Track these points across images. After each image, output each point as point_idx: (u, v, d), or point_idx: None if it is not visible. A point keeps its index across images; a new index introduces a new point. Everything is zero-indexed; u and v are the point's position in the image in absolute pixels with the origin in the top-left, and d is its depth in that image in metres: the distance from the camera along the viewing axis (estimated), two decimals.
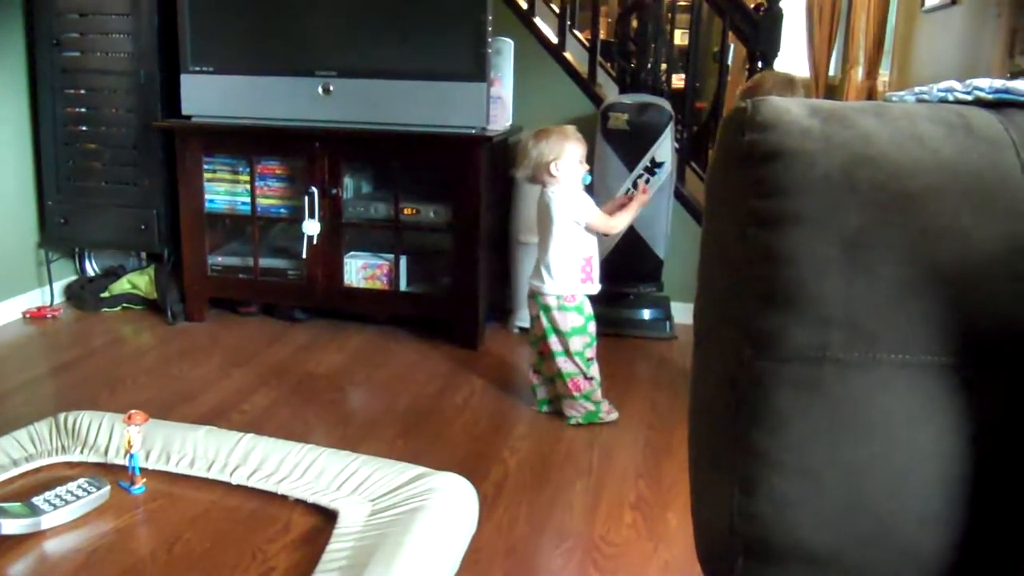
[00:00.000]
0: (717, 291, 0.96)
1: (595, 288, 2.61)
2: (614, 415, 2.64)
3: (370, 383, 2.92)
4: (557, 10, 4.15)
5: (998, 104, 0.96)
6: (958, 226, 0.84)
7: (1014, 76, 3.45)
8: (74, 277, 3.68)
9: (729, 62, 5.33)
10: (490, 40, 3.03)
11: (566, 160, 2.51)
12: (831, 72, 7.95)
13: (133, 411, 1.22)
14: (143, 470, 1.21)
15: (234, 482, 1.22)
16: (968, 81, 0.98)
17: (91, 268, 3.70)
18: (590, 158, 3.33)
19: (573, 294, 2.55)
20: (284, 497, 1.19)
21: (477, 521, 1.24)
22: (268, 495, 1.20)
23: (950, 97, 0.98)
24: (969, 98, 0.97)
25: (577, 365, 2.56)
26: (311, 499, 1.16)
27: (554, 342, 2.56)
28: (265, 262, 3.39)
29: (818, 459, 0.85)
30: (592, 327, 2.60)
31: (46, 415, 2.26)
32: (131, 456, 1.20)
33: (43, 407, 2.66)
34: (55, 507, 1.09)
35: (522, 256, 3.35)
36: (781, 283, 0.86)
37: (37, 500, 1.11)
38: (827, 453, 0.85)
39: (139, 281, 3.53)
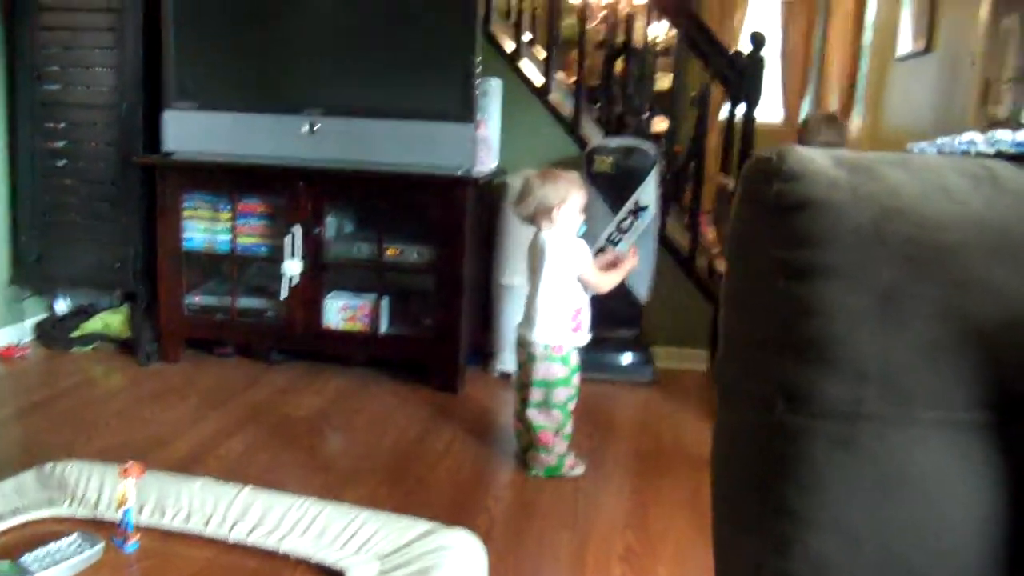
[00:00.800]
0: (744, 343, 0.93)
1: (584, 339, 2.55)
2: (579, 469, 2.55)
3: (350, 428, 2.86)
4: (540, 53, 4.18)
5: (1020, 157, 0.96)
6: (990, 280, 0.82)
7: (992, 125, 3.51)
8: (44, 315, 3.59)
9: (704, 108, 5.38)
10: (478, 81, 3.03)
11: (569, 206, 2.46)
12: (802, 117, 8.06)
13: (130, 463, 1.17)
14: (136, 526, 1.15)
15: (232, 539, 1.16)
16: (990, 134, 0.97)
17: (62, 306, 3.61)
18: None
19: (560, 344, 2.48)
20: (286, 556, 1.14)
21: None
22: (269, 553, 1.14)
23: (972, 150, 0.97)
24: (991, 151, 0.96)
25: (551, 418, 2.49)
26: (315, 558, 1.10)
27: (536, 392, 2.49)
28: (243, 302, 3.33)
29: (856, 518, 0.82)
30: (576, 380, 2.53)
31: (14, 460, 2.18)
32: (125, 511, 1.14)
33: (11, 452, 2.58)
34: (45, 567, 1.03)
35: (504, 299, 3.32)
36: (813, 336, 0.84)
37: (27, 559, 1.04)
38: (865, 512, 0.82)
39: (112, 320, 3.45)
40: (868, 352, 0.82)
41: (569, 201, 2.46)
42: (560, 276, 2.47)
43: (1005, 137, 0.96)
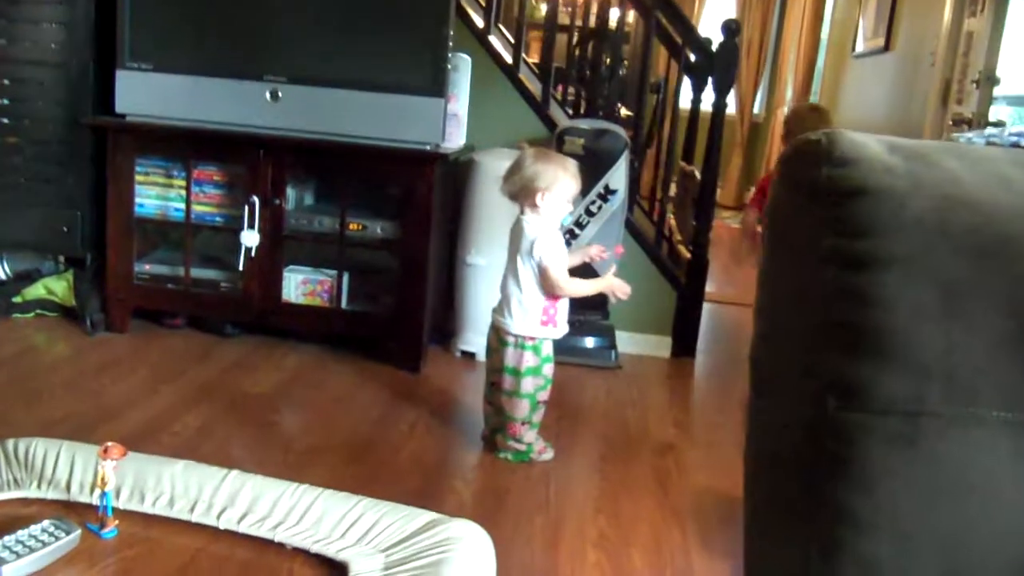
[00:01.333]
0: (787, 335, 0.89)
1: (557, 333, 2.47)
2: (548, 455, 2.50)
3: (309, 405, 2.77)
4: (507, 32, 4.11)
5: None
6: None
7: (956, 124, 3.56)
8: None
9: (662, 94, 5.38)
10: (450, 55, 2.95)
11: (556, 193, 2.36)
12: (756, 111, 8.14)
13: (109, 443, 1.08)
14: (115, 510, 1.07)
15: (222, 526, 1.08)
16: None
17: (2, 270, 3.44)
18: None
19: (533, 335, 2.42)
20: (281, 545, 1.06)
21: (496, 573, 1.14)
22: (262, 542, 1.07)
23: (1022, 142, 0.95)
24: None
25: (518, 407, 2.42)
26: (313, 548, 1.03)
27: (506, 380, 2.43)
28: (196, 272, 3.20)
29: (912, 521, 0.79)
30: (548, 370, 2.46)
31: None
32: (104, 495, 1.05)
33: None
34: (18, 555, 0.93)
35: (468, 278, 3.26)
36: (871, 329, 0.80)
37: None
38: (922, 515, 0.79)
39: (56, 286, 3.29)
40: (931, 347, 0.78)
41: (556, 188, 2.36)
42: (534, 264, 2.39)
43: None
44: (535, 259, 2.37)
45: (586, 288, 2.50)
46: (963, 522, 0.78)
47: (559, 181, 2.36)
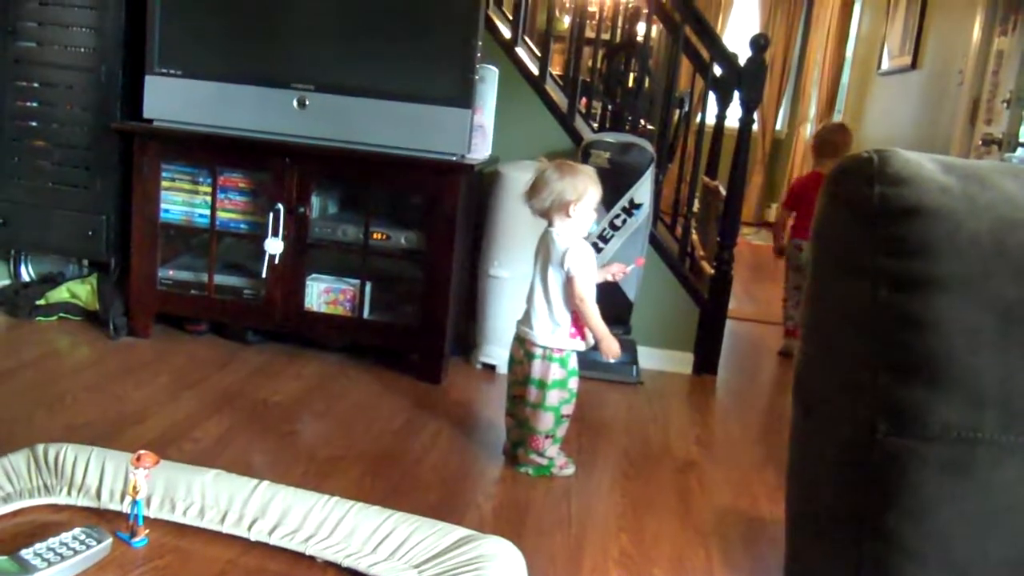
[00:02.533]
0: (836, 355, 0.87)
1: (584, 345, 2.46)
2: (569, 470, 2.48)
3: (330, 415, 2.76)
4: (532, 45, 4.11)
5: None
6: None
7: (985, 144, 3.53)
8: (7, 281, 3.43)
9: (686, 108, 5.37)
10: (477, 66, 2.95)
11: (586, 203, 2.36)
12: (778, 127, 8.11)
13: (142, 452, 1.07)
14: (145, 519, 1.06)
15: (253, 538, 1.07)
16: None
17: (27, 273, 3.46)
18: None
19: (560, 347, 2.40)
20: (312, 558, 1.05)
21: None
22: (293, 555, 1.05)
23: None
24: None
25: (542, 421, 2.40)
26: (344, 562, 1.02)
27: (532, 392, 2.41)
28: (220, 279, 3.20)
29: (965, 551, 0.77)
30: (574, 383, 2.44)
31: None
32: (135, 503, 1.04)
33: None
34: (49, 563, 0.92)
35: (491, 290, 3.24)
36: (925, 353, 0.78)
37: (27, 553, 0.94)
38: (975, 545, 0.77)
39: (80, 290, 3.31)
40: (988, 373, 0.76)
41: (586, 197, 2.35)
42: (563, 276, 2.37)
43: None
44: (565, 269, 2.35)
45: (595, 319, 2.45)
46: (1017, 552, 0.76)
47: (588, 191, 2.36)
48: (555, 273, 2.38)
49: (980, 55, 3.95)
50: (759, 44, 3.33)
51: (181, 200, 3.19)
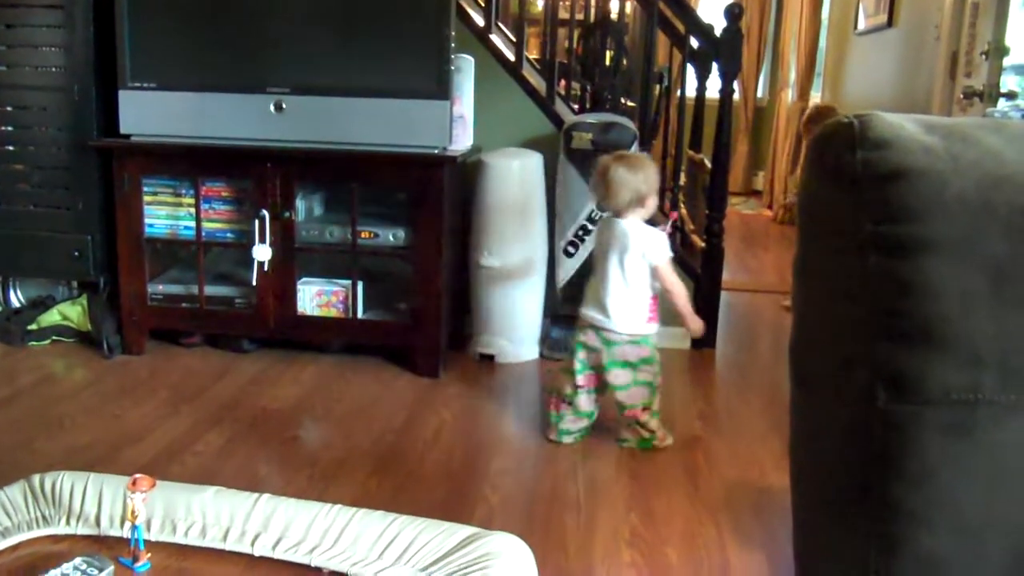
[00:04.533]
0: (829, 326, 0.86)
1: (656, 327, 2.55)
2: (669, 440, 2.58)
3: (331, 418, 2.75)
4: (507, 30, 4.08)
5: None
6: None
7: (966, 96, 3.51)
8: None
9: (666, 83, 5.35)
10: (452, 57, 2.92)
11: (655, 194, 2.48)
12: (759, 95, 8.09)
13: (138, 475, 1.06)
14: (147, 543, 1.05)
15: (257, 553, 1.06)
16: None
17: (16, 299, 3.43)
18: (552, 178, 3.27)
19: (642, 331, 2.51)
20: (318, 569, 1.04)
21: None
22: (299, 567, 1.05)
23: None
24: None
25: (640, 395, 2.50)
26: (351, 570, 1.01)
27: (617, 375, 2.49)
28: (210, 290, 3.19)
29: (974, 515, 0.76)
30: (657, 355, 2.55)
31: None
32: (135, 528, 1.03)
33: None
34: None
35: (483, 280, 3.23)
36: (920, 318, 0.77)
37: None
38: (983, 507, 0.76)
39: (71, 312, 3.28)
40: (984, 334, 0.75)
41: (655, 187, 2.47)
42: (640, 264, 2.45)
43: None
44: (649, 260, 2.45)
45: (684, 301, 2.59)
46: None
47: (656, 181, 2.48)
48: (633, 264, 2.45)
49: (955, 8, 3.92)
50: (734, 13, 3.31)
51: (165, 214, 3.17)
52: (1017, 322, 0.75)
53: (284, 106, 2.99)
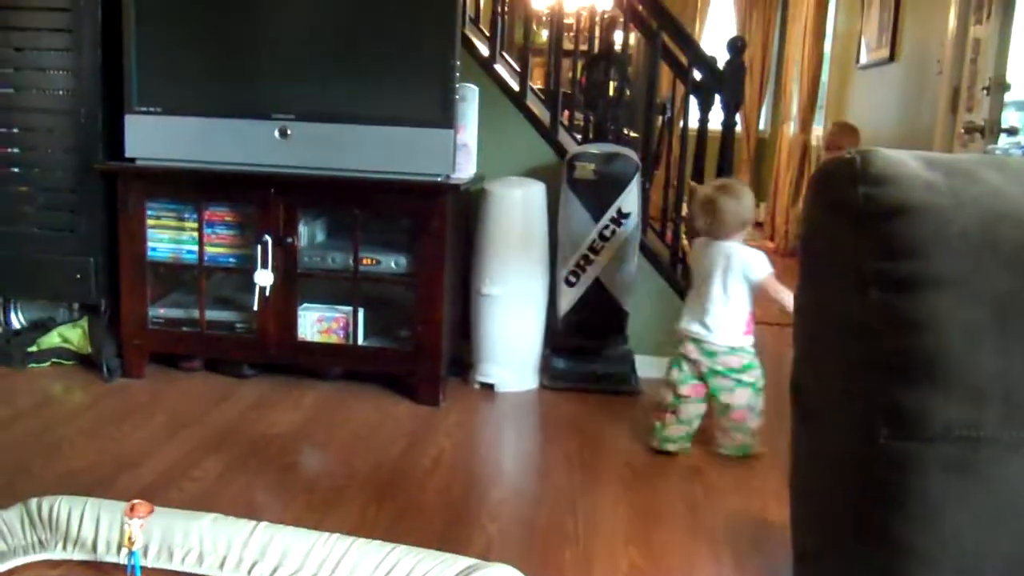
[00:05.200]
0: (831, 361, 0.86)
1: (753, 339, 2.71)
2: (763, 449, 2.71)
3: (330, 445, 2.74)
4: (511, 60, 4.11)
5: None
6: None
7: (968, 131, 3.53)
8: None
9: (668, 114, 5.38)
10: (457, 86, 2.94)
11: (752, 216, 2.73)
12: (761, 127, 8.13)
13: (136, 501, 1.05)
14: (143, 569, 1.04)
15: None
16: None
17: (16, 320, 3.43)
18: (554, 207, 3.28)
19: (742, 343, 2.67)
20: None
21: None
22: None
23: None
24: None
25: (744, 396, 2.66)
26: None
27: (722, 381, 2.66)
28: (212, 314, 3.19)
29: (975, 551, 0.75)
30: (758, 360, 2.71)
31: None
32: (132, 554, 1.03)
33: None
34: None
35: (484, 308, 3.23)
36: (922, 354, 0.77)
37: None
38: (985, 544, 0.75)
39: (71, 334, 3.28)
40: (986, 370, 0.75)
41: (752, 209, 2.71)
42: (742, 284, 2.63)
43: None
44: (755, 276, 2.62)
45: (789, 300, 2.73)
46: None
47: (752, 204, 2.71)
48: (737, 282, 2.63)
49: (957, 44, 3.96)
50: (736, 47, 3.34)
51: (168, 237, 3.18)
52: (1020, 358, 0.75)
53: (289, 132, 3.00)
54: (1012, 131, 3.35)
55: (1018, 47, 3.46)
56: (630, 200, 3.20)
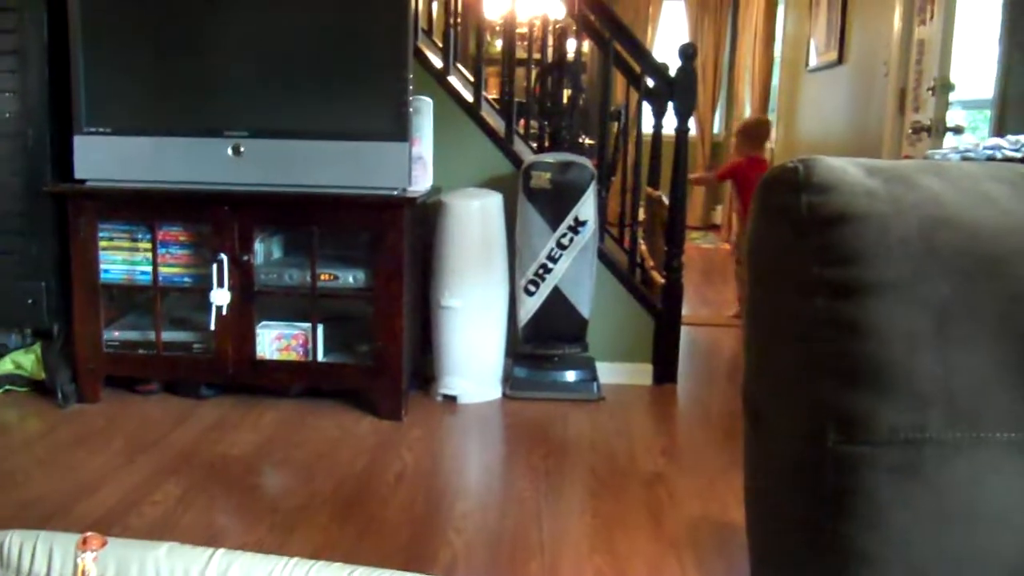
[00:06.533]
0: (779, 367, 0.87)
1: None
2: None
3: (292, 464, 2.71)
4: (465, 71, 4.11)
5: None
6: None
7: (915, 131, 3.60)
8: None
9: (623, 121, 5.41)
10: (411, 99, 2.94)
11: None
12: (716, 131, 8.22)
13: (88, 534, 1.03)
14: None
15: None
16: (1015, 138, 0.94)
17: None
18: (512, 217, 3.28)
19: None
20: None
21: None
22: None
23: (998, 155, 0.94)
24: (1018, 155, 0.93)
25: None
26: None
27: None
28: (168, 335, 3.14)
29: (924, 551, 0.77)
30: None
31: None
32: None
33: None
34: None
35: (444, 320, 3.22)
36: (866, 359, 0.78)
37: None
38: (932, 545, 0.77)
39: (24, 360, 3.22)
40: (929, 373, 0.77)
41: None
42: None
43: None
44: None
45: None
46: (974, 548, 0.76)
47: None
48: None
49: (902, 45, 4.03)
50: (687, 54, 3.38)
51: (121, 259, 3.13)
52: (961, 361, 0.77)
53: (242, 149, 2.98)
54: (958, 130, 3.42)
55: (961, 48, 3.53)
56: (587, 208, 3.22)
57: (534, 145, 3.85)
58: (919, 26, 3.91)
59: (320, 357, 3.10)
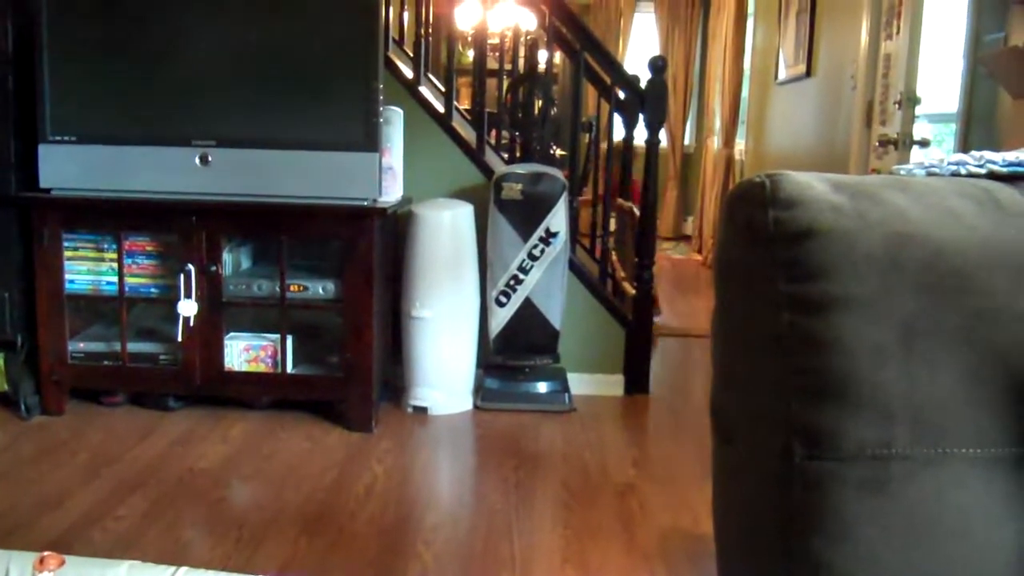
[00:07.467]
0: (747, 382, 0.87)
1: None
2: None
3: (260, 477, 2.68)
4: (436, 81, 4.11)
5: (1011, 177, 0.93)
6: (1014, 307, 0.79)
7: (882, 144, 3.64)
8: None
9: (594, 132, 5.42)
10: (381, 109, 2.93)
11: None
12: (687, 141, 8.28)
13: (46, 553, 1.01)
14: None
15: None
16: (979, 154, 0.95)
17: None
18: (483, 228, 3.28)
19: None
20: None
21: None
22: None
23: (962, 170, 0.95)
24: (982, 171, 0.94)
25: None
26: None
27: None
28: (134, 347, 3.10)
29: (890, 567, 0.76)
30: None
31: None
32: None
33: None
34: None
35: (415, 331, 3.21)
36: (833, 374, 0.78)
37: None
38: (900, 560, 0.77)
39: None
40: (894, 389, 0.77)
41: None
42: None
43: (995, 157, 0.93)
44: None
45: None
46: (942, 561, 0.76)
47: None
48: None
49: (869, 59, 4.08)
50: (657, 66, 3.40)
51: (86, 269, 3.09)
52: (927, 377, 0.77)
53: (210, 159, 2.95)
54: (924, 143, 3.47)
55: (927, 62, 3.58)
56: (558, 219, 3.22)
57: (505, 156, 3.85)
58: (886, 40, 3.96)
59: (289, 368, 3.08)
